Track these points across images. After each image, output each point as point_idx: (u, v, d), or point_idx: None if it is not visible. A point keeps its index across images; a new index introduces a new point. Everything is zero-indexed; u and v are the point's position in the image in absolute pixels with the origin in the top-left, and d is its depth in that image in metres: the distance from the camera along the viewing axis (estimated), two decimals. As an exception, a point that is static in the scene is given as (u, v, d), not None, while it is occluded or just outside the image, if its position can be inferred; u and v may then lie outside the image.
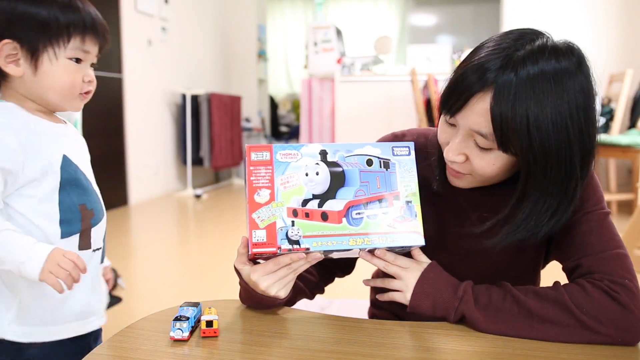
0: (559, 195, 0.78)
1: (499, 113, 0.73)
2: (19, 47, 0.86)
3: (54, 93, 0.90)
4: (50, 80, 0.88)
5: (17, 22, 0.86)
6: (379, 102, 4.26)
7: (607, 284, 0.78)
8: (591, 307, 0.76)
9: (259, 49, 6.73)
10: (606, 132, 4.11)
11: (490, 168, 0.80)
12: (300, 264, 0.83)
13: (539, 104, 0.72)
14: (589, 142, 0.77)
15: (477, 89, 0.75)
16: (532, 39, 0.76)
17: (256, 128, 6.60)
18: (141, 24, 4.62)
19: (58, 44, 0.87)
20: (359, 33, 8.05)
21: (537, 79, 0.72)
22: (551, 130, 0.73)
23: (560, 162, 0.75)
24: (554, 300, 0.79)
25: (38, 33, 0.86)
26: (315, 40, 4.64)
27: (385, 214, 0.82)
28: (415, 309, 0.84)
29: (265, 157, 0.80)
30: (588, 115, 0.76)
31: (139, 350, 0.76)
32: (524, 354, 0.74)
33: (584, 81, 0.76)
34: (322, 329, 0.84)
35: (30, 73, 0.88)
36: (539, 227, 0.80)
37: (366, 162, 0.83)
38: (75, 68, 0.90)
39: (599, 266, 0.81)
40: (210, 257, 3.13)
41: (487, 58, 0.75)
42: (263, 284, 0.82)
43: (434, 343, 0.79)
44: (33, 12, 0.86)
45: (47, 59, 0.87)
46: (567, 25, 4.63)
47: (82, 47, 0.89)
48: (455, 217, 0.93)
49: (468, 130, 0.79)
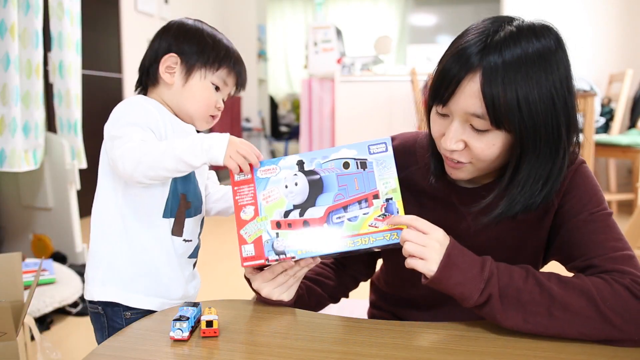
0: (549, 164, 0.81)
1: (490, 93, 0.76)
2: (179, 61, 1.02)
3: (192, 105, 1.03)
4: (193, 94, 1.03)
5: (186, 41, 1.03)
6: (379, 102, 4.26)
7: (630, 283, 0.77)
8: (615, 302, 0.76)
9: (259, 49, 6.73)
10: (606, 132, 4.11)
11: (490, 150, 0.81)
12: (296, 269, 0.88)
13: (528, 82, 0.76)
14: (572, 110, 0.81)
15: (464, 72, 0.78)
16: (508, 20, 0.81)
17: (256, 128, 6.60)
18: (141, 24, 4.61)
19: (209, 69, 1.03)
20: (359, 33, 8.04)
21: (523, 59, 0.76)
22: (539, 104, 0.76)
23: (548, 133, 0.78)
24: (580, 289, 0.77)
25: (198, 55, 1.02)
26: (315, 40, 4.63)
27: (365, 214, 0.84)
28: (437, 283, 0.79)
29: (247, 176, 0.86)
30: (569, 85, 0.80)
31: (139, 350, 0.76)
32: (523, 354, 0.74)
33: (564, 56, 0.80)
34: (322, 329, 0.84)
35: (179, 84, 1.03)
36: (533, 198, 0.82)
37: (343, 165, 0.85)
38: (214, 92, 1.04)
39: (615, 265, 0.80)
40: (210, 257, 3.13)
41: (469, 43, 0.79)
42: (264, 291, 0.89)
43: (434, 343, 0.79)
44: (201, 39, 1.03)
45: (198, 77, 1.02)
46: (567, 25, 4.63)
47: (224, 79, 1.04)
48: (450, 218, 0.92)
49: (463, 115, 0.80)
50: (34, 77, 2.29)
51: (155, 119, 0.98)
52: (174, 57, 1.02)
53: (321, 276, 1.02)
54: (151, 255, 1.00)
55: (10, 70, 2.12)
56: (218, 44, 1.03)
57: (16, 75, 2.14)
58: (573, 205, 0.87)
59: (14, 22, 2.11)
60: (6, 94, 2.12)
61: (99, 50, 4.04)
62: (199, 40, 1.03)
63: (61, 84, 2.54)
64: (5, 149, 2.16)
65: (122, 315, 1.00)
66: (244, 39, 6.52)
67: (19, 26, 2.19)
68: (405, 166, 0.94)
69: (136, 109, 0.98)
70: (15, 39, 2.12)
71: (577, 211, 0.86)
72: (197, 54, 1.02)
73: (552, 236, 0.91)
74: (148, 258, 1.00)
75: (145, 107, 0.99)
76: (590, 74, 4.44)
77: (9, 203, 2.74)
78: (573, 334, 0.76)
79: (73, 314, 2.20)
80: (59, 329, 2.09)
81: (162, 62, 1.02)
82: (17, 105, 2.17)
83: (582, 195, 0.87)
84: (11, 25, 2.09)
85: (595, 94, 3.57)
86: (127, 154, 0.90)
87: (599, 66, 4.51)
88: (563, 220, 0.88)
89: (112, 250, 1.00)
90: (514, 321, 0.77)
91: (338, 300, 1.07)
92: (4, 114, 2.13)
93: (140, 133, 0.93)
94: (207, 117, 1.06)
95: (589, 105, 3.47)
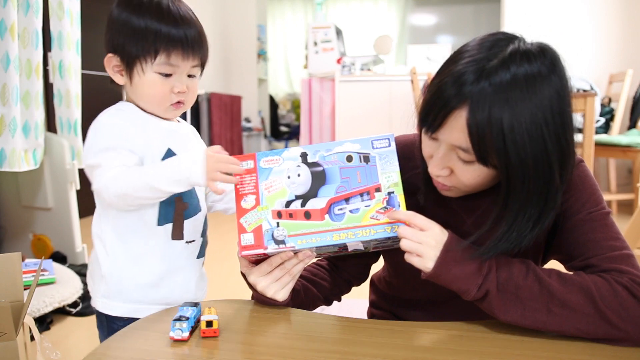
0: (539, 204, 0.77)
1: (475, 126, 0.72)
2: (119, 59, 0.96)
3: (145, 102, 0.99)
4: (142, 90, 0.97)
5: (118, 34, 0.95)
6: (379, 102, 4.26)
7: (629, 282, 0.77)
8: (614, 301, 0.75)
9: (259, 49, 6.72)
10: (606, 132, 4.11)
11: (475, 180, 0.80)
12: (293, 263, 0.87)
13: (513, 111, 0.71)
14: (566, 147, 0.75)
15: (454, 104, 0.74)
16: (505, 44, 0.75)
17: (256, 128, 6.60)
18: (141, 23, 4.60)
19: (145, 60, 0.94)
20: (359, 33, 8.04)
21: (510, 85, 0.71)
22: (527, 139, 0.72)
23: (538, 171, 0.74)
24: (579, 286, 0.77)
25: (131, 48, 0.94)
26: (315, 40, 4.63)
27: (367, 206, 0.84)
28: (435, 278, 0.79)
29: (249, 166, 0.86)
30: (564, 119, 0.74)
31: (139, 350, 0.76)
32: (524, 354, 0.74)
33: (558, 83, 0.74)
34: (322, 329, 0.84)
35: (128, 85, 0.98)
36: (521, 238, 0.78)
37: (346, 159, 0.85)
38: (162, 81, 0.96)
39: (613, 264, 0.80)
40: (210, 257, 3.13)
41: (463, 71, 0.74)
42: (260, 285, 0.87)
43: (434, 343, 0.78)
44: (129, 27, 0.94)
45: (137, 73, 0.95)
46: (568, 25, 4.63)
47: (169, 62, 0.94)
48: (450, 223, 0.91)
49: (450, 145, 0.79)
50: (33, 77, 2.29)
51: (129, 136, 0.94)
52: (113, 57, 0.97)
53: (316, 277, 1.02)
54: (152, 265, 1.00)
55: (10, 70, 2.11)
56: (146, 29, 0.92)
57: (16, 75, 2.14)
58: (571, 204, 0.87)
59: (14, 22, 2.10)
60: (6, 94, 2.12)
61: (99, 50, 4.01)
62: (128, 30, 0.94)
63: (61, 84, 2.54)
64: (5, 149, 2.16)
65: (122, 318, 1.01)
66: (244, 39, 6.51)
67: (18, 26, 2.19)
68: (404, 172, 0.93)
69: (107, 131, 0.95)
70: (15, 38, 2.12)
71: (575, 210, 0.87)
72: (130, 46, 0.94)
73: (551, 236, 0.91)
74: (149, 268, 1.00)
75: (115, 125, 0.95)
76: (590, 74, 4.44)
77: (9, 203, 2.74)
78: (571, 330, 0.76)
79: (73, 314, 2.20)
80: (58, 329, 2.09)
81: (107, 65, 0.98)
82: (17, 105, 2.17)
83: (580, 195, 0.87)
84: (11, 25, 2.09)
85: (595, 94, 3.57)
86: (110, 186, 0.89)
87: (599, 66, 4.51)
88: (561, 220, 0.88)
89: (114, 265, 1.00)
90: (512, 316, 0.77)
91: (330, 303, 1.07)
92: (3, 114, 2.13)
93: (118, 159, 0.91)
94: (168, 107, 0.99)
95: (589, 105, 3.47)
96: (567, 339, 0.77)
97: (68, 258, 2.59)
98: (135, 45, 0.93)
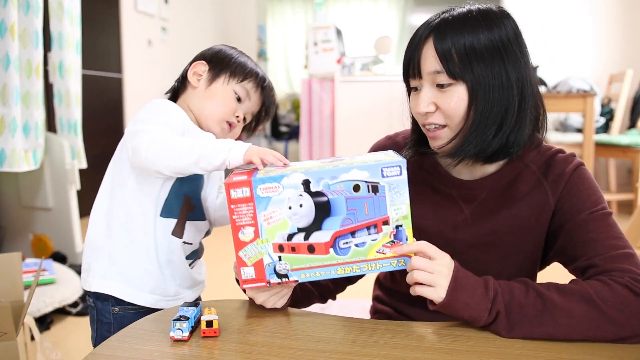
0: (501, 111, 0.85)
1: (440, 48, 0.84)
2: (207, 69, 1.09)
3: (210, 106, 1.08)
4: (213, 95, 1.08)
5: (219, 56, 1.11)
6: (379, 102, 4.26)
7: (629, 281, 0.78)
8: (615, 301, 0.76)
9: (259, 49, 6.72)
10: (606, 132, 4.11)
11: (458, 104, 0.85)
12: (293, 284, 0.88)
13: (471, 36, 0.84)
14: (525, 77, 0.85)
15: (423, 36, 0.87)
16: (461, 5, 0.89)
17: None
18: (141, 24, 4.61)
19: (234, 77, 1.09)
20: (359, 33, 8.04)
21: (466, 16, 0.85)
22: (486, 55, 0.83)
23: (497, 81, 0.84)
24: (579, 294, 0.78)
25: (226, 66, 1.10)
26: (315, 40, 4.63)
27: (374, 240, 0.80)
28: (446, 307, 0.80)
29: (246, 194, 0.78)
30: (522, 50, 0.86)
31: (139, 350, 0.76)
32: (524, 354, 0.74)
33: (514, 26, 0.87)
34: (322, 329, 0.84)
35: (203, 87, 1.09)
36: (487, 142, 0.85)
37: (353, 188, 0.78)
38: (234, 99, 1.09)
39: (615, 264, 0.81)
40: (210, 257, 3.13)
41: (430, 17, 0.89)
42: (259, 300, 0.89)
43: (434, 343, 0.79)
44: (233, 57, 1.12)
45: (221, 82, 1.09)
46: (568, 25, 4.63)
47: (248, 91, 1.10)
48: (449, 209, 0.96)
49: (428, 77, 0.86)
50: (33, 77, 2.29)
51: (177, 122, 1.02)
52: (203, 64, 1.10)
53: None
54: (149, 252, 1.03)
55: (10, 70, 2.12)
56: (247, 64, 1.10)
57: (16, 75, 2.14)
58: (572, 205, 0.88)
59: (14, 22, 2.10)
60: (6, 94, 2.12)
61: (99, 50, 4.04)
62: (231, 57, 1.11)
63: (61, 84, 2.54)
64: (5, 149, 2.16)
65: (111, 310, 1.03)
66: (244, 39, 6.51)
67: (19, 26, 2.19)
68: None
69: (162, 110, 1.03)
70: (15, 39, 2.12)
71: (576, 211, 0.87)
72: (225, 64, 1.10)
73: (552, 238, 0.92)
74: (145, 255, 1.03)
75: (169, 109, 1.04)
76: (590, 74, 4.44)
77: (9, 203, 2.74)
78: (580, 337, 0.77)
79: (73, 314, 2.20)
80: (58, 329, 2.09)
81: (192, 67, 1.10)
82: (17, 105, 2.17)
83: (581, 196, 0.88)
84: (11, 25, 2.09)
85: (595, 94, 3.57)
86: (152, 143, 0.92)
87: (599, 66, 4.51)
88: (563, 222, 0.89)
89: (115, 244, 1.03)
90: (520, 334, 0.78)
91: (326, 300, 1.09)
92: (4, 114, 2.13)
93: (165, 131, 0.97)
94: (223, 123, 1.08)
95: (588, 105, 3.47)
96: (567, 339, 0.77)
97: (68, 258, 2.59)
98: (231, 65, 1.09)
